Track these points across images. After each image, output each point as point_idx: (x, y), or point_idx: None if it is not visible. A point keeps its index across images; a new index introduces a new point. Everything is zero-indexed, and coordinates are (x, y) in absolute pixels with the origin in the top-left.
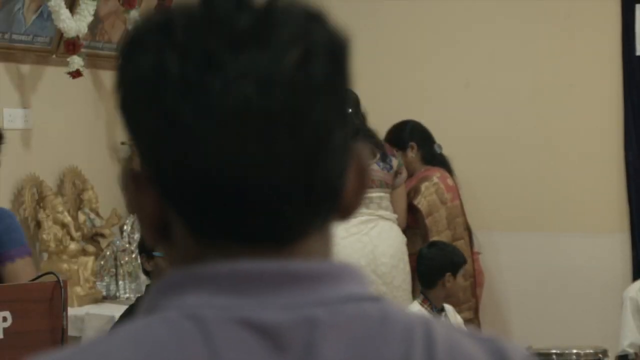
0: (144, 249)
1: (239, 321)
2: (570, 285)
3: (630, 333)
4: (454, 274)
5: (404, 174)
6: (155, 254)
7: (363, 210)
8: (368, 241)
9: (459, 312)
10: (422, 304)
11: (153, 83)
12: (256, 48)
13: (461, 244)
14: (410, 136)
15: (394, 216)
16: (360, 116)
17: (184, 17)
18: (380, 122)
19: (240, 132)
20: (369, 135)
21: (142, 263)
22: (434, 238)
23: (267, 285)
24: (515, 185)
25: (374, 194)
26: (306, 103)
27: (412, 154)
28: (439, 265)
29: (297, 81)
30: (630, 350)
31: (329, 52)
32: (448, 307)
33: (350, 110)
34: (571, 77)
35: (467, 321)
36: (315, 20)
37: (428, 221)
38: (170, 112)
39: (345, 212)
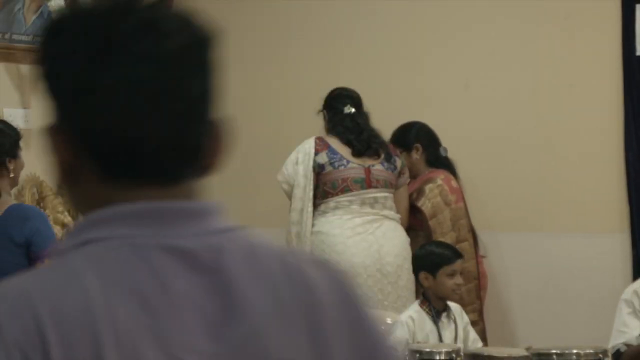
0: None
1: (164, 247)
2: (570, 285)
3: (627, 333)
4: (432, 274)
5: (407, 174)
6: None
7: (368, 210)
8: (373, 241)
9: None
10: (421, 305)
11: (72, 60)
12: (151, 35)
13: (465, 246)
14: (416, 138)
15: (398, 216)
16: (363, 116)
17: (95, 8)
18: (380, 122)
19: (139, 97)
20: (373, 135)
21: None
22: (438, 240)
23: (171, 219)
24: (515, 185)
25: (379, 194)
26: (186, 78)
27: (417, 155)
28: (416, 264)
29: (180, 61)
30: (623, 345)
31: (201, 41)
32: (455, 306)
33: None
34: (571, 77)
35: (472, 323)
36: (192, 17)
37: (432, 223)
38: (86, 82)
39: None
